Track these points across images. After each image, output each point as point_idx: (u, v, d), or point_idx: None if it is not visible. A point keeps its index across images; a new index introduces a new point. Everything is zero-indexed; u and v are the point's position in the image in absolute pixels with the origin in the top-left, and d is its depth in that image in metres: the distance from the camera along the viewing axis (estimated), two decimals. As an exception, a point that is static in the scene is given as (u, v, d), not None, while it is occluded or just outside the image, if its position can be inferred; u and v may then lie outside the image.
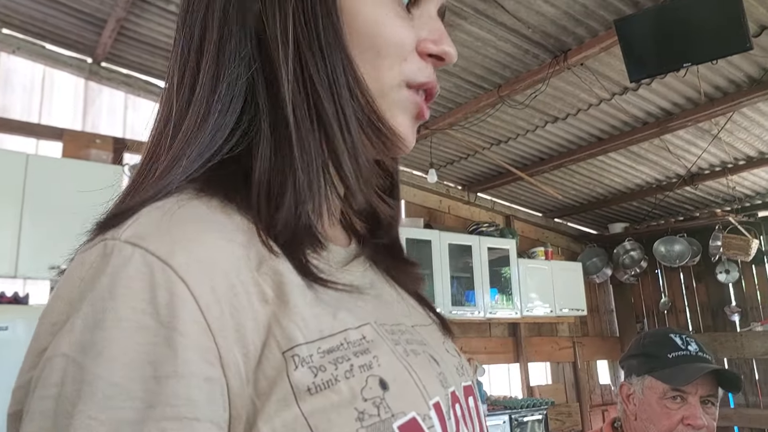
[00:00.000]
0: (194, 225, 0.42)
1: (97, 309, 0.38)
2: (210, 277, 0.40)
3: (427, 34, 0.52)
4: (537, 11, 3.26)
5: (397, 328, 0.51)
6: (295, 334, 0.41)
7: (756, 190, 5.62)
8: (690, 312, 6.48)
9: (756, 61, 3.58)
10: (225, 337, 0.39)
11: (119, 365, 0.36)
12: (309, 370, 0.41)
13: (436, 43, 0.52)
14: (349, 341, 0.44)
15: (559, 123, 4.52)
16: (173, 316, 0.37)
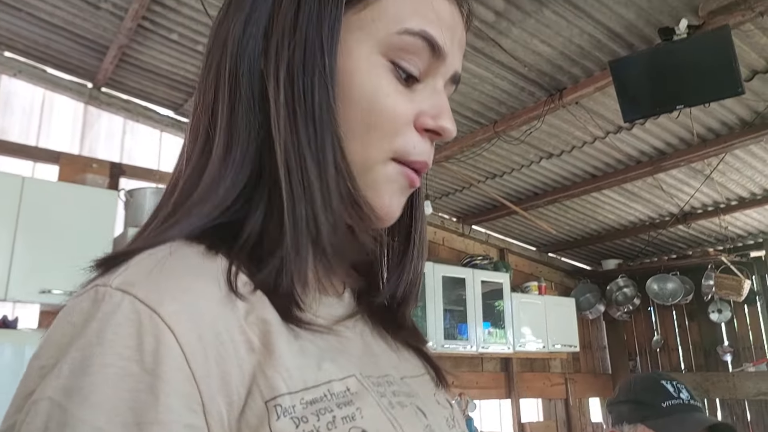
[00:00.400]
0: (184, 273, 0.43)
1: (85, 354, 0.38)
2: (197, 326, 0.40)
3: (428, 109, 0.52)
4: (533, 51, 3.31)
5: (384, 380, 0.51)
6: (278, 383, 0.42)
7: (748, 230, 5.65)
8: (682, 351, 6.46)
9: (748, 104, 3.64)
10: (209, 385, 0.39)
11: (103, 411, 0.37)
12: (291, 421, 0.41)
13: (434, 119, 0.52)
14: (333, 393, 0.44)
15: (554, 159, 4.56)
16: (158, 364, 0.38)
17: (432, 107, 0.52)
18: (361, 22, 0.50)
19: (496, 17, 3.07)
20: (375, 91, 0.49)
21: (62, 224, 3.29)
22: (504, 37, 3.21)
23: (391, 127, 0.50)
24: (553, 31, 3.15)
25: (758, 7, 2.72)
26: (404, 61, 0.50)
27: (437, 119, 0.52)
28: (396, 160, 0.52)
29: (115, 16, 3.38)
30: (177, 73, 3.90)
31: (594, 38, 3.18)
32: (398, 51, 0.50)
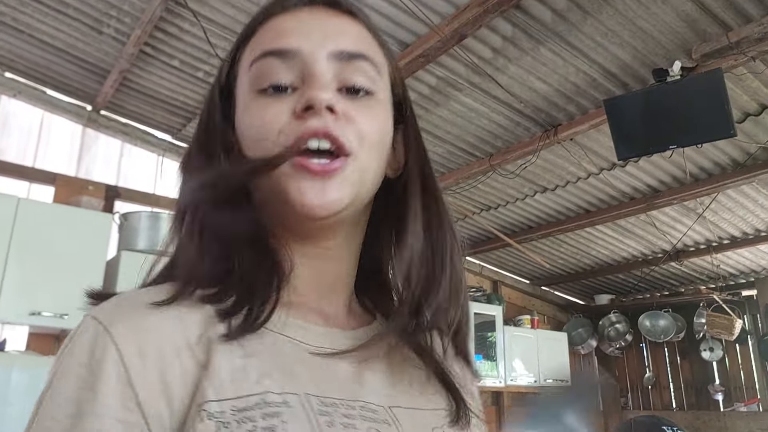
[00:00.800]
0: (145, 304, 0.53)
1: (60, 362, 0.51)
2: (139, 343, 0.50)
3: (299, 98, 0.57)
4: (530, 87, 3.36)
5: (344, 403, 0.55)
6: (208, 391, 0.49)
7: (740, 269, 5.67)
8: (674, 389, 6.43)
9: (740, 146, 3.68)
10: (147, 390, 0.48)
11: (57, 404, 0.48)
12: (214, 423, 0.47)
13: (298, 104, 0.56)
14: (265, 403, 0.50)
15: (548, 193, 4.59)
16: (100, 369, 0.48)
17: (301, 96, 0.57)
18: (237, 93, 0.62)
19: (493, 54, 3.12)
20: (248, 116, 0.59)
21: (55, 246, 3.29)
22: (501, 74, 3.26)
23: (270, 131, 0.56)
24: (550, 69, 3.20)
25: (750, 51, 2.77)
26: (260, 83, 0.58)
27: (302, 97, 0.56)
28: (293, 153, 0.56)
29: (118, 41, 3.42)
30: (176, 98, 3.93)
31: (589, 77, 3.23)
32: (257, 80, 0.58)
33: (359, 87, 0.59)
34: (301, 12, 0.61)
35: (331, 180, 0.56)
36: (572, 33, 2.93)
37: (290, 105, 0.56)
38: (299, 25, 0.60)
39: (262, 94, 0.58)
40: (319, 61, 0.57)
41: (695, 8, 2.69)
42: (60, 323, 3.22)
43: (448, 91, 3.47)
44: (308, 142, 0.55)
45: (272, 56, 0.58)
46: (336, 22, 0.61)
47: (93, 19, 3.27)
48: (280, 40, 0.58)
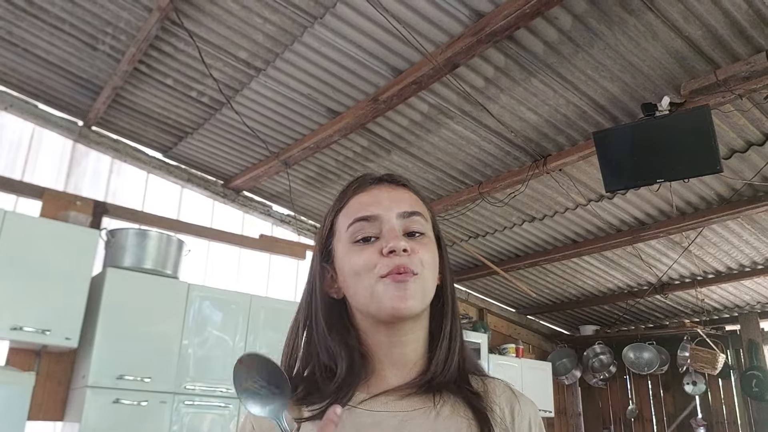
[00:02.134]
0: None
1: None
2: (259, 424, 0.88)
3: (384, 243, 0.87)
4: (520, 117, 3.39)
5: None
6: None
7: (724, 304, 5.71)
8: (656, 422, 6.42)
9: (726, 181, 3.73)
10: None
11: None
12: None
13: (386, 246, 0.86)
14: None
15: (536, 223, 4.62)
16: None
17: (385, 241, 0.87)
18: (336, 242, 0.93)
19: (485, 83, 3.16)
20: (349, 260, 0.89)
21: (40, 261, 3.26)
22: (492, 103, 3.30)
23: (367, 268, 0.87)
24: (540, 100, 3.24)
25: (737, 89, 2.83)
26: (355, 237, 0.89)
27: (388, 245, 0.86)
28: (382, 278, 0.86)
29: (112, 58, 3.43)
30: (169, 117, 3.94)
31: (579, 109, 3.27)
32: (351, 236, 0.90)
33: (416, 231, 0.91)
34: (375, 189, 0.94)
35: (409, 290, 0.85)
36: (563, 65, 2.97)
37: (376, 249, 0.87)
38: (376, 199, 0.92)
39: (357, 244, 0.89)
40: (391, 220, 0.89)
41: (685, 45, 2.74)
42: (42, 338, 3.18)
43: (440, 119, 3.50)
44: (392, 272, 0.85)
45: (362, 221, 0.89)
46: (396, 193, 0.94)
47: (88, 35, 3.28)
48: (365, 210, 0.90)
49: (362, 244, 0.89)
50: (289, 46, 3.09)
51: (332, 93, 3.40)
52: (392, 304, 0.85)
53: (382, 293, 0.85)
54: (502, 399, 0.93)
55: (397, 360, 0.90)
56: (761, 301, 5.56)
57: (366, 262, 0.87)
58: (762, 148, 3.41)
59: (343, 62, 3.14)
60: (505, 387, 0.96)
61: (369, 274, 0.86)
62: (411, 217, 0.91)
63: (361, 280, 0.87)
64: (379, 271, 0.85)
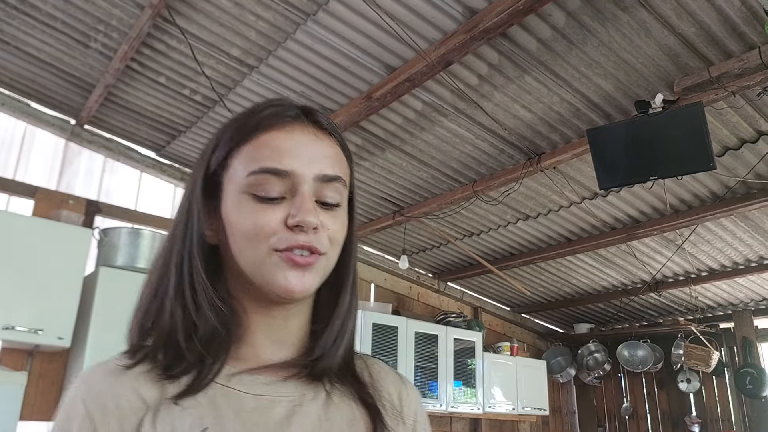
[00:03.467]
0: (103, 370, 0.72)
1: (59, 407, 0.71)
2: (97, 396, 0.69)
3: (293, 212, 0.72)
4: (514, 115, 3.39)
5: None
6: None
7: (718, 301, 5.72)
8: (651, 419, 6.44)
9: (719, 179, 3.74)
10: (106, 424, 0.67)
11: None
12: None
13: (292, 217, 0.72)
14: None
15: (530, 221, 4.62)
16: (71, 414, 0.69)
17: (295, 209, 0.72)
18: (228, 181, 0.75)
19: (479, 81, 3.15)
20: (243, 217, 0.73)
21: (33, 260, 3.24)
22: (486, 101, 3.29)
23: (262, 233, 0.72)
24: (534, 98, 3.24)
25: (730, 86, 2.83)
26: (257, 191, 0.72)
27: (294, 217, 0.71)
28: (276, 251, 0.72)
29: (104, 56, 3.41)
30: (162, 115, 3.92)
31: (573, 106, 3.27)
32: (251, 187, 0.73)
33: (332, 203, 0.76)
34: (294, 131, 0.76)
35: (309, 272, 0.73)
36: (557, 62, 2.97)
37: (280, 214, 0.72)
38: (294, 147, 0.74)
39: (256, 199, 0.72)
40: (307, 182, 0.73)
41: (678, 42, 2.74)
42: (34, 338, 3.16)
43: (434, 116, 3.50)
44: (294, 251, 0.72)
45: (270, 174, 0.72)
46: (320, 145, 0.77)
47: (80, 33, 3.27)
48: (279, 161, 0.73)
49: (262, 202, 0.72)
50: (281, 44, 3.08)
51: (325, 91, 3.39)
52: (286, 286, 0.72)
53: (273, 270, 0.72)
54: (390, 383, 0.86)
55: (276, 333, 0.78)
56: (755, 298, 5.57)
57: (262, 227, 0.72)
58: (755, 145, 3.41)
59: (337, 59, 3.13)
60: (390, 370, 0.89)
61: (262, 242, 0.72)
62: (331, 183, 0.75)
63: (251, 247, 0.72)
64: (275, 243, 0.71)
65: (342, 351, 0.80)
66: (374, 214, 4.77)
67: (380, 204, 4.58)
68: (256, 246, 0.72)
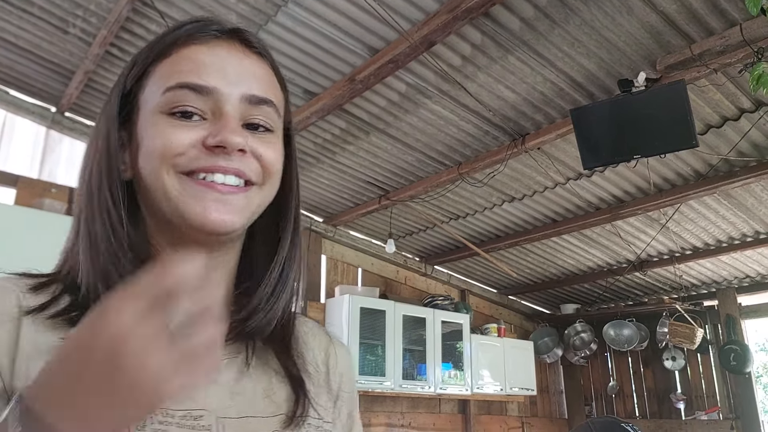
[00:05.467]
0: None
1: None
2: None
3: (213, 131, 0.63)
4: (498, 96, 3.39)
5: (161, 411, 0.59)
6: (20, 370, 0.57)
7: (702, 279, 5.78)
8: (637, 397, 6.52)
9: (702, 157, 3.76)
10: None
11: None
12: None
13: (214, 136, 0.62)
14: None
15: (516, 203, 4.63)
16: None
17: (215, 129, 0.63)
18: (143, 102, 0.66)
19: (462, 61, 3.14)
20: (153, 134, 0.63)
21: (16, 249, 3.20)
22: (470, 81, 3.29)
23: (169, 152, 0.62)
24: (518, 78, 3.23)
25: (712, 64, 2.84)
26: (173, 108, 0.63)
27: (216, 136, 0.62)
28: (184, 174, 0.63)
29: (83, 42, 3.36)
30: (143, 101, 3.88)
31: (556, 86, 3.27)
32: (166, 105, 0.63)
33: (262, 125, 0.67)
34: (219, 47, 0.67)
35: (235, 202, 0.63)
36: (540, 42, 2.96)
37: (198, 134, 0.63)
38: (217, 62, 0.65)
39: (170, 117, 0.63)
40: (231, 102, 0.64)
41: (660, 20, 2.75)
42: (18, 328, 3.13)
43: (418, 98, 3.48)
44: (214, 176, 0.63)
45: (189, 89, 0.63)
46: (248, 63, 0.67)
47: (58, 18, 3.21)
48: (199, 76, 0.64)
49: (176, 119, 0.63)
50: (262, 26, 3.05)
51: (308, 74, 3.36)
52: (203, 218, 0.62)
53: (188, 199, 0.62)
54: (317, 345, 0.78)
55: None
56: (738, 276, 5.64)
57: (173, 144, 0.62)
58: (737, 123, 3.44)
59: (319, 42, 3.11)
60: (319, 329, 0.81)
61: (167, 161, 0.62)
62: (259, 105, 0.66)
63: (161, 170, 0.62)
64: (182, 164, 0.62)
65: (276, 310, 0.70)
66: (360, 199, 4.76)
67: (365, 188, 4.57)
68: (162, 167, 0.62)
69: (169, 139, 0.62)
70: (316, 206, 5.00)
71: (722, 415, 5.79)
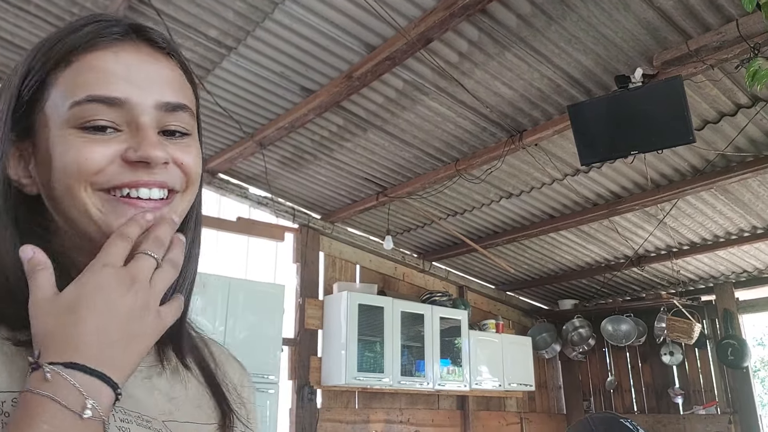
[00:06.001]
0: None
1: None
2: None
3: (132, 145, 0.60)
4: (495, 92, 3.39)
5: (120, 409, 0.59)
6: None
7: (699, 275, 5.80)
8: (635, 392, 6.54)
9: (699, 152, 3.77)
10: None
11: None
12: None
13: (135, 151, 0.60)
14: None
15: (513, 199, 4.63)
16: None
17: (135, 143, 0.60)
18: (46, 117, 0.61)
19: (459, 58, 3.14)
20: (64, 151, 0.59)
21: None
22: (467, 78, 3.29)
23: (85, 170, 0.59)
24: (515, 74, 3.23)
25: (709, 60, 2.84)
26: (85, 123, 0.59)
27: (138, 150, 0.60)
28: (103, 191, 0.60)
29: (80, 40, 3.35)
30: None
31: (553, 83, 3.28)
32: (76, 120, 0.59)
33: (179, 132, 0.64)
34: (124, 51, 0.62)
35: None
36: (537, 38, 2.96)
37: (115, 148, 0.60)
38: (125, 70, 0.61)
39: (82, 131, 0.59)
40: (146, 113, 0.61)
41: (656, 16, 2.75)
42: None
43: (415, 95, 3.48)
44: (139, 191, 0.60)
45: (98, 102, 0.59)
46: (158, 67, 0.64)
47: (54, 16, 3.20)
48: (107, 87, 0.60)
49: (91, 134, 0.59)
50: (260, 24, 3.05)
51: (305, 71, 3.36)
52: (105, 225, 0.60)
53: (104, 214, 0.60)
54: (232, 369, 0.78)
55: None
56: (735, 271, 5.65)
57: (90, 161, 0.59)
58: (734, 118, 3.44)
59: (316, 39, 3.10)
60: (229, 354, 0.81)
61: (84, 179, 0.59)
62: (174, 111, 0.64)
63: (76, 189, 0.59)
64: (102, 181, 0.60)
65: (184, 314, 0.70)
66: (358, 195, 4.76)
67: (363, 185, 4.57)
68: (80, 185, 0.59)
69: (84, 156, 0.59)
70: (313, 203, 5.00)
71: (720, 409, 5.82)
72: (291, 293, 4.93)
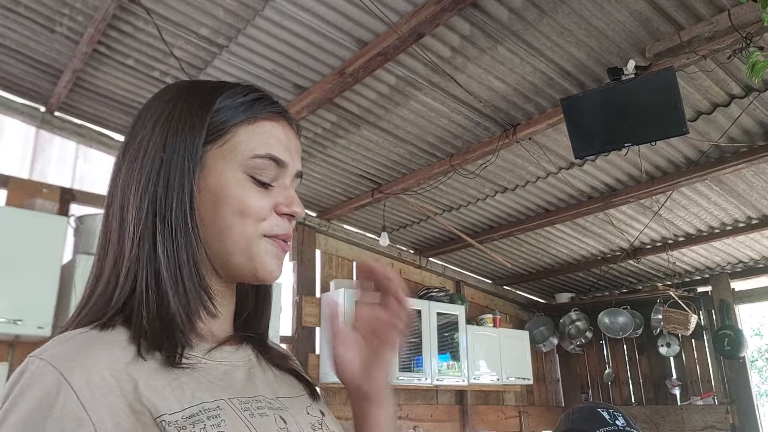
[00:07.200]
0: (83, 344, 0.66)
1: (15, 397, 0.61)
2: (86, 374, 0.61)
3: (282, 200, 0.78)
4: (488, 86, 3.39)
5: (252, 399, 0.74)
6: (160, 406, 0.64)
7: (695, 266, 5.81)
8: (633, 384, 6.56)
9: (693, 144, 3.77)
10: (96, 412, 0.60)
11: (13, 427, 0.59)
12: (175, 428, 0.62)
13: (288, 206, 0.78)
14: (205, 409, 0.66)
15: (508, 193, 4.64)
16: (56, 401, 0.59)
17: (285, 198, 0.78)
18: (223, 154, 0.75)
19: (452, 53, 3.14)
20: (241, 194, 0.75)
21: (8, 250, 3.19)
22: (460, 73, 3.28)
23: (258, 215, 0.76)
24: (508, 68, 3.23)
25: (701, 50, 2.84)
26: (258, 174, 0.76)
27: (289, 206, 0.78)
28: (266, 236, 0.77)
29: (71, 40, 3.34)
30: (132, 98, 3.86)
31: (546, 76, 3.27)
32: (253, 169, 0.75)
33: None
34: (286, 127, 0.81)
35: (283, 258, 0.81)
36: (529, 32, 2.96)
37: (270, 201, 0.77)
38: (287, 141, 0.80)
39: (251, 180, 0.75)
40: (292, 177, 0.81)
41: (648, 7, 2.75)
42: (14, 329, 3.13)
43: (408, 91, 3.48)
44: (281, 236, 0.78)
45: (273, 161, 0.77)
46: (297, 143, 0.83)
47: (45, 17, 3.19)
48: (280, 151, 0.78)
49: (255, 184, 0.75)
50: (250, 21, 3.04)
51: (297, 68, 3.35)
52: (272, 271, 0.78)
53: (262, 254, 0.76)
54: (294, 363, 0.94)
55: (227, 309, 0.82)
56: (731, 261, 5.67)
57: (258, 208, 0.75)
58: (727, 109, 3.45)
59: (307, 35, 3.09)
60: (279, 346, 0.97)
61: (255, 224, 0.75)
62: (298, 179, 0.83)
63: (242, 225, 0.74)
64: (267, 228, 0.76)
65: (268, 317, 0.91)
66: (353, 192, 4.76)
67: (358, 182, 4.57)
68: (249, 227, 0.74)
69: (256, 204, 0.75)
70: (309, 201, 4.99)
71: (717, 399, 5.84)
72: (288, 291, 4.93)
